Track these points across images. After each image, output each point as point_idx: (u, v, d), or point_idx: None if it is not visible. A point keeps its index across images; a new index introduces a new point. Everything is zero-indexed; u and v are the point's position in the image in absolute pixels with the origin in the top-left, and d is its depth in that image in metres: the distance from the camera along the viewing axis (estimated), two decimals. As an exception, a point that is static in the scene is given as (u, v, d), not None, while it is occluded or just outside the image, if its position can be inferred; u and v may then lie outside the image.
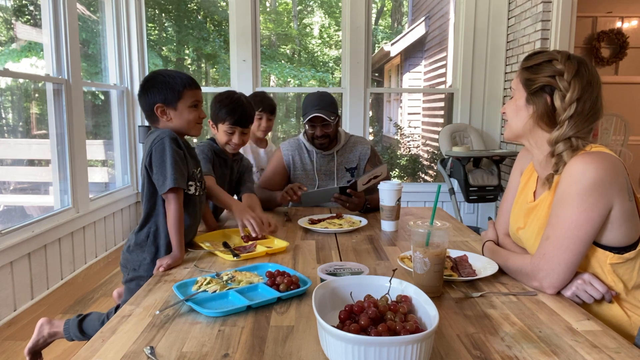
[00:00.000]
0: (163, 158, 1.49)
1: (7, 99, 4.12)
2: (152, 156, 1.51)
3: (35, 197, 4.11)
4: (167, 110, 1.57)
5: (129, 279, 1.64)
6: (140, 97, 1.61)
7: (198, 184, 1.65)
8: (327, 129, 2.24)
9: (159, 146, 1.50)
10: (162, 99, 1.56)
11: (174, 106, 1.57)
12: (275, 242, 1.64)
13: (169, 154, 1.49)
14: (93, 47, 4.51)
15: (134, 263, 1.61)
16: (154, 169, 1.51)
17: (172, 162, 1.49)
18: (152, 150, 1.51)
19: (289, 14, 11.67)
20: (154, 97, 1.56)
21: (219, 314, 1.05)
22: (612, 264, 1.15)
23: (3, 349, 2.40)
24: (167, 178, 1.48)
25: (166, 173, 1.49)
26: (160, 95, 1.56)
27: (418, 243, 1.16)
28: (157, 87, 1.57)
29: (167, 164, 1.49)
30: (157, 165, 1.50)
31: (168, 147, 1.50)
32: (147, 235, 1.59)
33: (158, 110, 1.56)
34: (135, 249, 1.61)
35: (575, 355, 0.87)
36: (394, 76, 11.18)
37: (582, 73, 1.17)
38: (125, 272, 1.66)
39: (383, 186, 1.83)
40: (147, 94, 1.58)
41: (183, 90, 1.58)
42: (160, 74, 1.60)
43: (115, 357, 0.88)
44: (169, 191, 1.49)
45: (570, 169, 1.14)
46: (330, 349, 0.83)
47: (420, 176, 7.66)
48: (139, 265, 1.60)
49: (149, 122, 1.64)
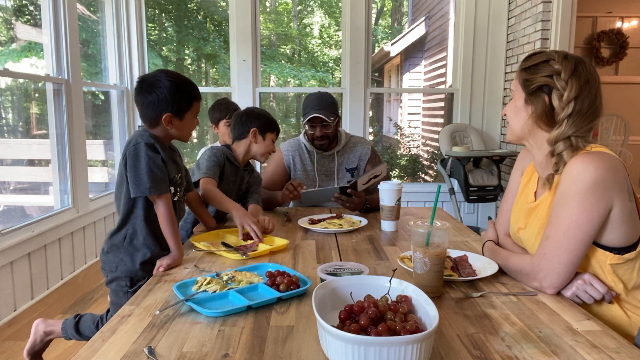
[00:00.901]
0: (136, 164, 1.47)
1: (7, 99, 4.12)
2: (127, 160, 1.49)
3: (35, 197, 4.11)
4: (174, 120, 1.54)
5: (109, 280, 1.64)
6: (146, 100, 1.52)
7: (178, 189, 1.64)
8: (327, 129, 2.24)
9: (132, 151, 1.48)
10: (174, 109, 1.52)
11: (181, 117, 1.55)
12: (275, 241, 1.65)
13: (143, 161, 1.46)
14: (93, 47, 4.51)
15: (111, 265, 1.61)
16: (128, 173, 1.49)
17: (147, 169, 1.46)
18: (127, 154, 1.49)
19: (289, 14, 11.67)
20: (164, 106, 1.51)
21: (219, 314, 1.05)
22: (612, 264, 1.15)
23: (3, 349, 2.40)
24: (139, 185, 1.47)
25: (139, 180, 1.46)
26: (173, 105, 1.52)
27: (418, 243, 1.16)
28: (170, 96, 1.51)
29: (141, 171, 1.46)
30: (131, 169, 1.48)
31: (142, 153, 1.46)
32: (124, 237, 1.58)
33: (165, 119, 1.52)
34: (112, 250, 1.61)
35: (575, 355, 0.87)
36: (394, 76, 11.18)
37: (579, 72, 1.17)
38: (105, 274, 1.66)
39: (383, 186, 1.83)
40: (157, 100, 1.51)
41: (194, 102, 1.57)
42: (174, 82, 1.52)
43: (115, 357, 0.88)
44: (154, 196, 1.49)
45: (570, 169, 1.14)
46: (330, 349, 0.83)
47: (420, 176, 7.66)
48: (116, 266, 1.60)
49: (144, 122, 1.57)
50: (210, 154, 1.94)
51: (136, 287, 1.59)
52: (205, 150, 2.00)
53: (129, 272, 1.59)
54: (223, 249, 1.56)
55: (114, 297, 1.67)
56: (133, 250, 1.58)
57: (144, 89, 1.53)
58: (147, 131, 1.54)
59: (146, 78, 1.55)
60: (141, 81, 1.55)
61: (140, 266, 1.58)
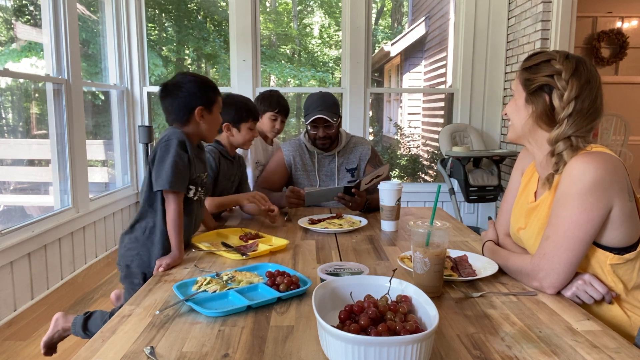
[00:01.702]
0: (164, 158, 1.50)
1: (7, 99, 4.12)
2: (157, 153, 1.53)
3: (35, 197, 4.11)
4: (205, 113, 1.60)
5: (123, 276, 1.66)
6: (175, 100, 1.58)
7: (200, 189, 1.65)
8: (330, 130, 2.25)
9: (164, 145, 1.52)
10: (203, 102, 1.59)
11: (210, 110, 1.62)
12: (274, 240, 1.65)
13: (172, 155, 1.50)
14: (93, 47, 4.51)
15: (127, 259, 1.63)
16: (154, 166, 1.52)
17: (173, 163, 1.49)
18: (158, 148, 1.53)
19: (289, 14, 11.67)
20: (195, 101, 1.58)
21: (219, 314, 1.05)
22: (612, 264, 1.15)
23: (3, 349, 2.40)
24: (162, 178, 1.49)
25: (163, 173, 1.49)
26: (202, 98, 1.59)
27: (418, 243, 1.16)
28: (198, 90, 1.58)
29: (167, 165, 1.49)
30: (158, 163, 1.51)
31: (173, 148, 1.51)
32: (144, 230, 1.60)
33: (198, 112, 1.58)
34: (132, 242, 1.62)
35: (575, 355, 0.87)
36: (394, 76, 11.17)
37: (580, 72, 1.17)
38: (120, 269, 1.68)
39: (383, 186, 1.83)
40: (187, 96, 1.57)
41: (217, 96, 1.64)
42: (196, 78, 1.61)
43: (115, 357, 0.88)
44: (169, 192, 1.50)
45: (570, 168, 1.14)
46: (330, 349, 0.83)
47: (420, 176, 7.66)
48: (132, 260, 1.62)
49: (175, 122, 1.61)
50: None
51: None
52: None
53: (144, 267, 1.61)
54: (223, 249, 1.56)
55: (127, 294, 1.68)
56: (150, 245, 1.60)
57: (170, 91, 1.60)
58: (179, 130, 1.58)
59: (169, 82, 1.62)
60: (165, 85, 1.61)
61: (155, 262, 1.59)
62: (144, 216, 1.61)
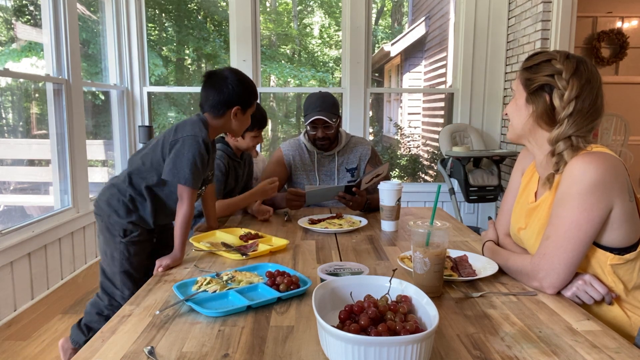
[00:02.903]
0: (187, 153, 1.54)
1: (7, 99, 4.12)
2: (178, 144, 1.56)
3: (35, 197, 4.11)
4: (239, 113, 1.66)
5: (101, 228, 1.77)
6: (218, 92, 1.63)
7: (204, 187, 1.73)
8: (329, 130, 2.25)
9: (191, 141, 1.55)
10: (242, 103, 1.65)
11: (244, 112, 1.68)
12: (274, 240, 1.65)
13: (195, 153, 1.54)
14: (93, 47, 4.51)
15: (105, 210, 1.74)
16: (172, 157, 1.55)
17: (194, 161, 1.54)
18: (181, 139, 1.56)
19: (289, 14, 11.66)
20: (236, 99, 1.63)
21: (219, 314, 1.05)
22: (612, 264, 1.14)
23: (3, 349, 2.40)
24: (182, 173, 1.53)
25: (184, 167, 1.53)
26: (243, 100, 1.65)
27: (418, 243, 1.16)
28: (242, 91, 1.64)
29: (188, 161, 1.53)
30: (178, 155, 1.55)
31: (197, 146, 1.55)
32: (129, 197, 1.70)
33: (234, 111, 1.64)
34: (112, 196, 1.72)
35: (575, 355, 0.87)
36: (394, 76, 11.17)
37: (580, 71, 1.17)
38: (99, 220, 1.78)
39: (383, 186, 1.83)
40: (230, 92, 1.62)
41: (254, 100, 1.71)
42: (242, 79, 1.66)
43: (115, 357, 0.88)
44: (185, 189, 1.54)
45: (570, 169, 1.14)
46: (330, 349, 0.83)
47: (420, 176, 7.66)
48: (108, 216, 1.72)
49: (209, 110, 1.65)
50: (214, 165, 1.97)
51: (129, 237, 1.74)
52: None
53: (116, 232, 1.73)
54: (223, 249, 1.56)
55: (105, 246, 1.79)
56: (126, 212, 1.71)
57: (215, 82, 1.64)
58: (205, 126, 1.61)
59: (217, 72, 1.67)
60: (211, 74, 1.66)
61: (129, 224, 1.73)
62: (128, 185, 1.70)
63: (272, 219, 2.05)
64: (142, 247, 1.81)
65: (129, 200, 1.72)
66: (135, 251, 1.78)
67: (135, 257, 1.79)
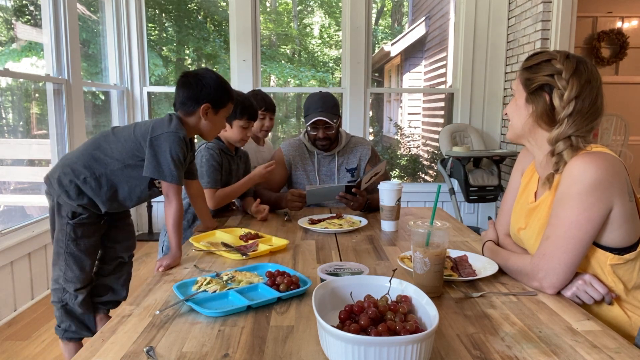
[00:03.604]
0: (168, 150, 1.54)
1: (7, 99, 4.12)
2: (157, 142, 1.55)
3: (35, 197, 4.11)
4: (210, 112, 1.63)
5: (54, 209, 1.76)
6: (189, 89, 1.62)
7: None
8: (329, 131, 2.25)
9: (170, 137, 1.55)
10: (212, 100, 1.61)
11: (216, 112, 1.64)
12: (274, 240, 1.65)
13: (178, 150, 1.54)
14: (93, 47, 4.51)
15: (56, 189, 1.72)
16: (156, 155, 1.55)
17: (175, 158, 1.53)
18: (160, 137, 1.56)
19: (289, 14, 11.66)
20: (204, 96, 1.60)
21: (219, 314, 1.05)
22: (612, 264, 1.14)
23: (3, 349, 2.40)
24: (166, 171, 1.53)
25: (165, 165, 1.53)
26: (213, 98, 1.61)
27: (418, 243, 1.16)
28: (212, 89, 1.61)
29: (169, 158, 1.53)
30: (161, 153, 1.54)
31: (177, 143, 1.54)
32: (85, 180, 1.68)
33: (203, 109, 1.61)
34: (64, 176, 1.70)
35: (575, 355, 0.87)
36: (394, 76, 11.17)
37: (580, 71, 1.17)
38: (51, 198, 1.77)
39: (383, 186, 1.83)
40: (200, 89, 1.60)
41: (229, 102, 1.67)
42: (217, 78, 1.64)
43: (115, 357, 0.88)
44: (172, 187, 1.53)
45: (570, 169, 1.14)
46: (330, 349, 0.83)
47: (420, 176, 7.66)
48: (58, 196, 1.71)
49: (181, 109, 1.65)
50: (208, 156, 1.99)
51: (77, 219, 1.73)
52: (202, 152, 2.00)
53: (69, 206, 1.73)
54: (223, 249, 1.56)
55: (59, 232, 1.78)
56: (78, 193, 1.69)
57: (189, 79, 1.63)
58: (181, 123, 1.61)
59: (191, 71, 1.66)
60: (185, 74, 1.65)
61: (79, 207, 1.73)
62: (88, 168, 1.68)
63: (272, 219, 2.05)
64: (91, 229, 1.79)
65: (82, 182, 1.69)
66: (83, 233, 1.76)
67: (82, 240, 1.76)
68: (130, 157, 1.66)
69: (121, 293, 2.01)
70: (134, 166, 1.66)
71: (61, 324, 1.87)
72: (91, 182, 1.69)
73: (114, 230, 1.94)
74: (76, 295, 1.82)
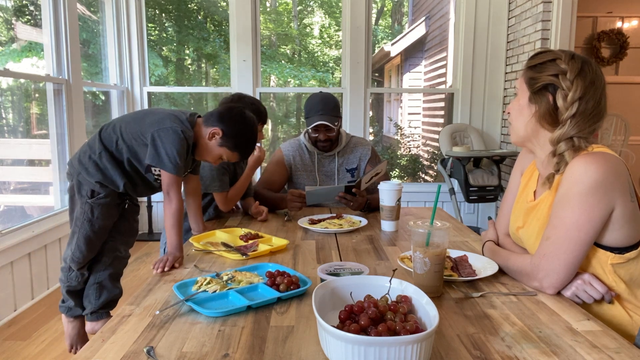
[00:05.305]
0: (167, 143, 1.55)
1: (7, 99, 4.12)
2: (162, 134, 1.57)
3: (35, 197, 4.11)
4: (215, 140, 1.63)
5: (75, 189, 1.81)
6: (225, 110, 1.66)
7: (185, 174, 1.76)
8: (331, 133, 2.25)
9: (171, 132, 1.57)
10: (226, 131, 1.62)
11: (222, 143, 1.65)
12: (274, 240, 1.65)
13: (177, 146, 1.55)
14: (93, 47, 4.51)
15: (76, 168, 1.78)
16: (160, 147, 1.56)
17: (175, 152, 1.55)
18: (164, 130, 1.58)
19: (289, 14, 11.66)
20: (223, 122, 1.63)
21: (219, 314, 1.05)
22: (613, 264, 1.14)
23: (3, 349, 2.40)
24: (167, 161, 1.54)
25: (168, 158, 1.54)
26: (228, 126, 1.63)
27: (418, 243, 1.16)
28: (237, 124, 1.63)
29: (173, 151, 1.55)
30: (167, 144, 1.56)
31: (182, 138, 1.56)
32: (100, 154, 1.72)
33: (213, 131, 1.62)
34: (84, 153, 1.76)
35: (575, 355, 0.87)
36: (394, 76, 11.17)
37: (585, 72, 1.16)
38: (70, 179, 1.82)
39: (383, 186, 1.83)
40: (228, 118, 1.63)
41: (237, 150, 1.68)
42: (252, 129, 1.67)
43: (115, 357, 0.88)
44: (173, 181, 1.53)
45: (572, 169, 1.13)
46: (330, 349, 0.83)
47: (420, 176, 7.66)
48: (78, 174, 1.76)
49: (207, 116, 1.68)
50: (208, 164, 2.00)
51: (95, 198, 1.77)
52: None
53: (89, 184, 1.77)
54: (223, 249, 1.56)
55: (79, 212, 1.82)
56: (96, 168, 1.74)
57: (232, 109, 1.68)
58: (190, 124, 1.64)
59: (239, 107, 1.70)
60: (236, 106, 1.71)
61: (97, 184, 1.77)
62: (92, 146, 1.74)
63: (272, 219, 2.05)
64: (106, 212, 1.83)
65: (98, 157, 1.74)
66: (99, 214, 1.80)
67: (97, 221, 1.80)
68: (132, 139, 1.71)
69: (114, 290, 2.02)
70: (137, 147, 1.71)
71: (65, 301, 1.97)
72: (105, 155, 1.73)
73: (122, 220, 1.98)
74: (82, 273, 1.91)
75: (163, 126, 1.59)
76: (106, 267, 1.97)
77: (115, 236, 1.96)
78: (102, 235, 1.87)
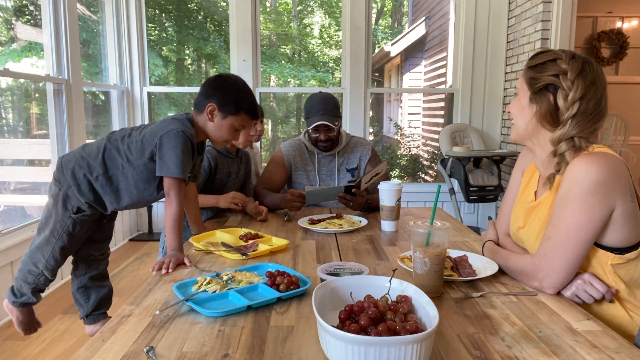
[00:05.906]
0: (171, 147, 1.54)
1: (7, 99, 4.12)
2: (163, 140, 1.55)
3: (35, 197, 4.11)
4: (216, 113, 1.61)
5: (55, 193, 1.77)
6: (205, 85, 1.64)
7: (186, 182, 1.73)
8: (331, 132, 2.25)
9: (172, 135, 1.55)
10: (220, 101, 1.60)
11: (224, 115, 1.62)
12: (274, 240, 1.65)
13: (181, 147, 1.54)
14: (93, 47, 4.51)
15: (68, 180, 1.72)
16: (164, 152, 1.54)
17: (178, 155, 1.53)
18: (166, 136, 1.55)
19: (289, 14, 11.66)
20: (214, 93, 1.60)
21: (219, 314, 1.05)
22: (613, 264, 1.14)
23: (3, 349, 2.40)
24: (170, 165, 1.52)
25: (170, 160, 1.53)
26: (219, 95, 1.60)
27: (418, 243, 1.16)
28: (226, 92, 1.60)
29: (173, 155, 1.53)
30: (163, 151, 1.54)
31: (183, 140, 1.55)
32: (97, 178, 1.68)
33: (208, 109, 1.60)
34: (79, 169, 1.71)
35: (575, 355, 0.87)
36: (394, 76, 11.17)
37: (586, 72, 1.16)
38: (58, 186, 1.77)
39: (383, 186, 1.83)
40: (214, 87, 1.61)
41: (242, 111, 1.63)
42: (236, 82, 1.63)
43: (115, 357, 0.88)
44: (175, 182, 1.53)
45: (572, 169, 1.13)
46: (330, 349, 0.83)
47: (420, 176, 7.66)
48: (69, 187, 1.72)
49: (194, 106, 1.67)
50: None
51: (79, 215, 1.76)
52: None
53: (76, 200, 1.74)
54: (223, 249, 1.56)
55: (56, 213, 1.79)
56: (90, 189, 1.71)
57: (211, 77, 1.65)
58: (190, 123, 1.62)
59: (221, 73, 1.69)
60: (215, 75, 1.68)
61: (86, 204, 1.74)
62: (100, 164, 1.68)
63: (272, 219, 2.05)
64: (85, 226, 1.82)
65: (94, 179, 1.70)
66: (80, 228, 1.79)
67: (76, 234, 1.80)
68: (138, 158, 1.66)
69: (101, 289, 2.01)
70: (143, 167, 1.66)
71: (22, 296, 1.88)
72: (102, 180, 1.70)
73: (98, 230, 1.95)
74: (51, 279, 1.88)
75: (165, 130, 1.57)
76: (85, 271, 1.98)
77: (89, 244, 1.95)
78: (77, 246, 1.87)
